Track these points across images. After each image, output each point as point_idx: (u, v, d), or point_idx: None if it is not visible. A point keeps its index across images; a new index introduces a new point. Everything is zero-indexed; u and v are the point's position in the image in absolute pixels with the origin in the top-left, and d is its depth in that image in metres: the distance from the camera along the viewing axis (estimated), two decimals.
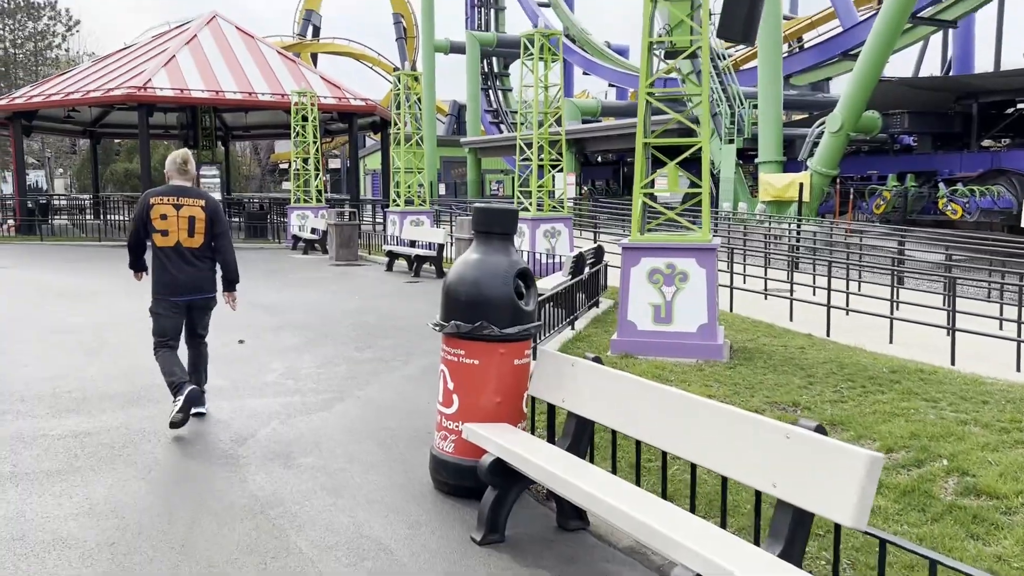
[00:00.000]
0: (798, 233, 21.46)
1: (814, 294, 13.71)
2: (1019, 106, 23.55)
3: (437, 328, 5.08)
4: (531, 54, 15.82)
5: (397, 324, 10.74)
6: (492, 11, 50.89)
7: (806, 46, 30.92)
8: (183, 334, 6.27)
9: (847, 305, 12.36)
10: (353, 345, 9.33)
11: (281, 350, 9.06)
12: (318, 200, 25.74)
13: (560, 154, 16.06)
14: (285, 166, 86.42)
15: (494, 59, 49.88)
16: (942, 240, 18.04)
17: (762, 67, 25.51)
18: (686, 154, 8.49)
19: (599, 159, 39.35)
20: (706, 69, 8.04)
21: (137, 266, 6.35)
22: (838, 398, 6.47)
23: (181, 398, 5.69)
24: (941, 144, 24.55)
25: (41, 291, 14.07)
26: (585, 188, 37.75)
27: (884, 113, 23.91)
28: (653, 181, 8.50)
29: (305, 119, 25.37)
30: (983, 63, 30.05)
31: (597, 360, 4.67)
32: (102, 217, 34.51)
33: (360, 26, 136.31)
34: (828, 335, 10.58)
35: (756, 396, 6.52)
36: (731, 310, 11.99)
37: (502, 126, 50.15)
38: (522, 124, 17.37)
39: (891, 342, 10.55)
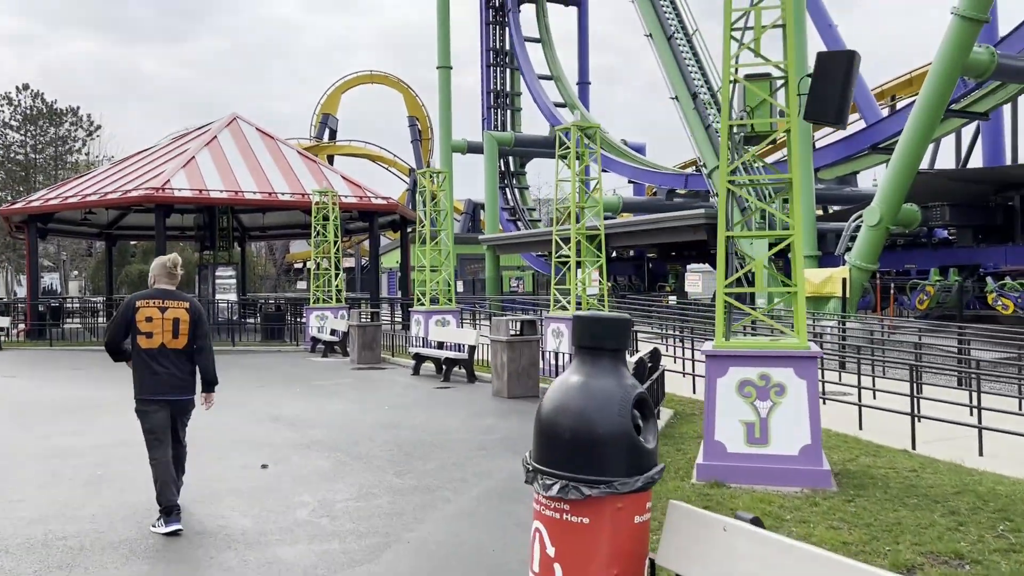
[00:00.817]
0: (843, 330, 20.34)
1: (874, 397, 12.61)
2: None
3: (531, 474, 3.96)
4: (567, 148, 15.16)
5: (436, 440, 9.57)
6: (508, 112, 51.42)
7: (828, 140, 30.61)
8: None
9: (916, 411, 11.14)
10: (392, 469, 8.15)
11: (310, 477, 7.89)
12: (338, 300, 24.90)
13: (600, 249, 15.18)
14: (300, 266, 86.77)
15: (510, 158, 50.07)
16: (1004, 338, 16.89)
17: (793, 161, 24.91)
18: (780, 246, 7.51)
19: (620, 255, 38.72)
20: (795, 150, 7.15)
21: (123, 357, 6.28)
22: (1007, 546, 5.23)
23: (164, 528, 5.94)
24: (983, 237, 23.71)
25: (42, 405, 13.00)
26: (609, 283, 36.97)
27: (923, 206, 23.17)
28: (740, 280, 7.47)
29: (326, 218, 24.82)
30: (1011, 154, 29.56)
31: (756, 522, 3.52)
32: None
33: (375, 130, 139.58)
34: (914, 448, 9.37)
35: (902, 543, 5.30)
36: None
37: (519, 223, 49.88)
38: (558, 220, 16.59)
39: (981, 454, 9.33)
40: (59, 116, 49.16)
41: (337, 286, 24.77)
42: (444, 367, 15.55)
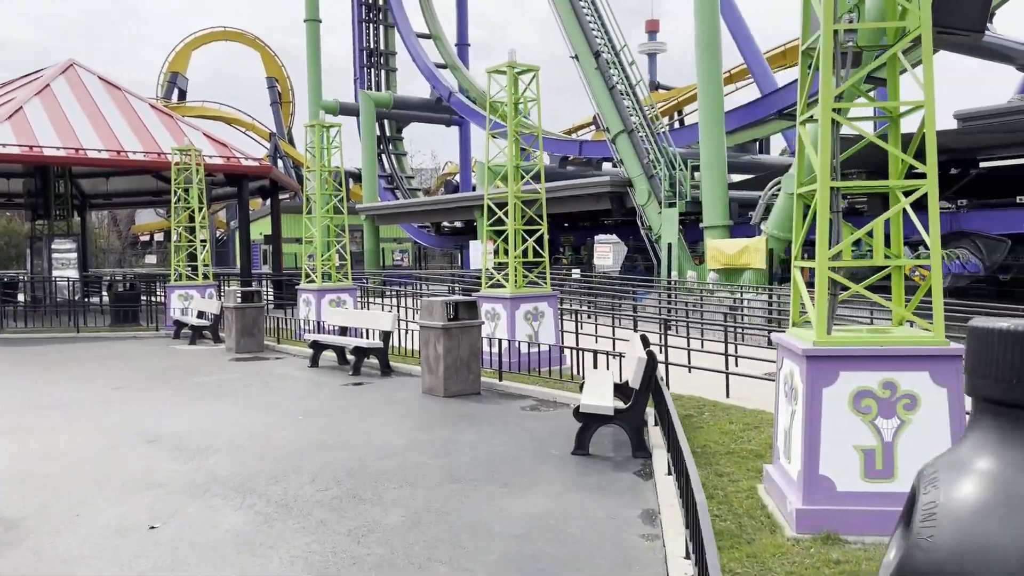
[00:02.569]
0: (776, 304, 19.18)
1: None
2: (982, 165, 22.61)
3: None
4: (500, 95, 12.81)
5: (387, 468, 7.13)
6: (383, 72, 48.02)
7: (730, 105, 29.60)
8: None
9: None
10: (342, 525, 5.68)
11: (223, 546, 5.30)
12: (205, 277, 21.50)
13: (540, 216, 12.99)
14: (147, 238, 79.58)
15: (386, 122, 46.81)
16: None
17: (704, 123, 23.63)
18: (911, 198, 5.55)
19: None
20: (929, 60, 5.21)
21: None
22: None
23: None
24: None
25: None
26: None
27: (843, 173, 22.34)
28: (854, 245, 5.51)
29: (189, 181, 21.29)
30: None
31: None
32: None
33: (231, 92, 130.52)
34: None
35: None
36: None
37: (397, 192, 46.87)
38: (493, 183, 14.25)
39: None
40: None
41: (204, 260, 21.37)
42: (353, 358, 12.94)
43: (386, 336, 13.07)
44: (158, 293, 26.61)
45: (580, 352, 11.17)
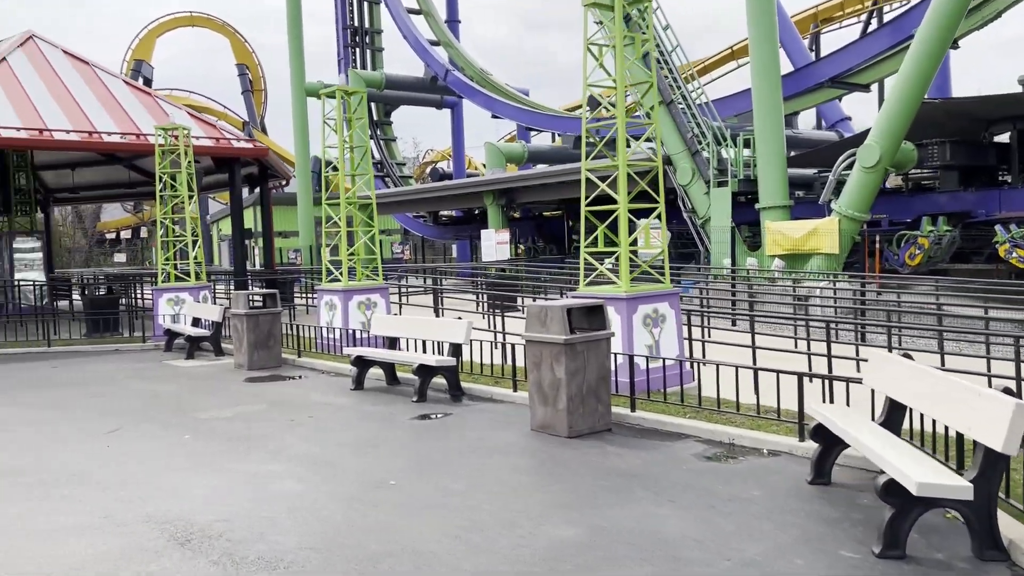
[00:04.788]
0: (865, 293, 16.57)
1: None
2: None
3: None
4: (598, 31, 9.88)
5: None
6: (369, 52, 44.67)
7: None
8: None
9: None
10: None
11: None
12: (198, 277, 18.39)
13: (655, 188, 10.12)
14: (113, 235, 75.36)
15: (373, 106, 43.51)
16: None
17: (758, 91, 20.88)
18: None
19: (516, 215, 33.72)
20: None
21: None
22: None
23: None
24: (970, 179, 20.85)
25: None
26: (521, 247, 31.91)
27: (917, 144, 19.88)
28: None
29: (176, 165, 18.14)
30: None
31: None
32: None
33: (199, 80, 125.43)
34: None
35: None
36: None
37: (387, 180, 43.71)
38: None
39: None
40: None
41: (196, 257, 18.25)
42: (417, 379, 10.00)
43: (457, 350, 10.17)
44: (137, 296, 23.45)
45: (700, 366, 8.38)
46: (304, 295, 25.36)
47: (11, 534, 5.59)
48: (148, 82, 67.88)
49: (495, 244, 27.61)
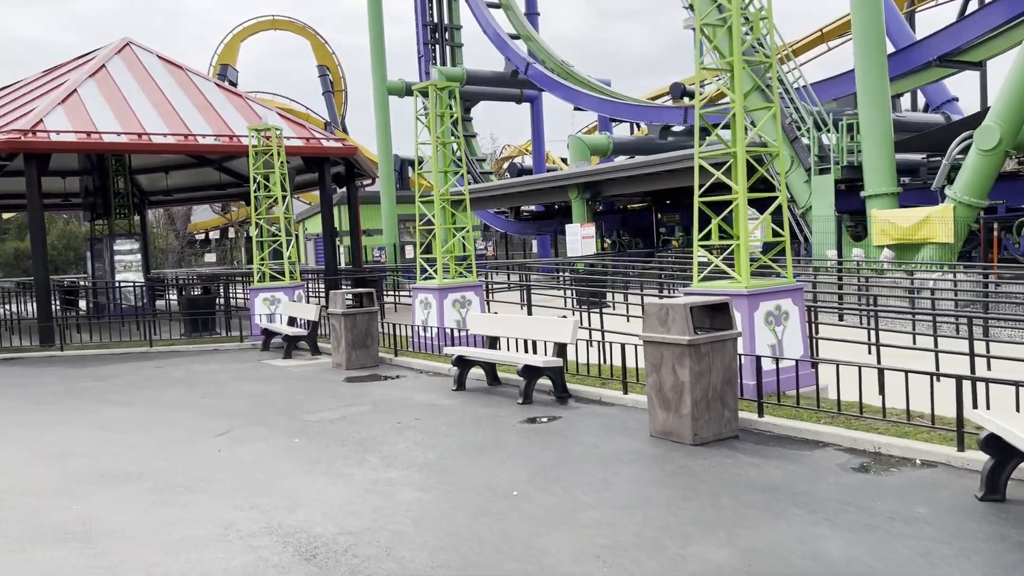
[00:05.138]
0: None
1: None
2: None
3: None
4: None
5: None
6: (448, 48, 44.67)
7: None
8: None
9: None
10: None
11: None
12: (292, 277, 18.52)
13: (775, 174, 9.52)
14: (202, 236, 77.65)
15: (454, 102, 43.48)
16: None
17: (863, 71, 19.82)
18: None
19: (600, 208, 33.10)
20: None
21: None
22: None
23: None
24: None
25: None
26: (608, 241, 31.36)
27: None
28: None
29: (269, 165, 18.30)
30: None
31: None
32: None
33: (276, 82, 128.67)
34: None
35: None
36: None
37: (468, 176, 43.63)
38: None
39: None
40: None
41: (291, 257, 18.37)
42: (525, 380, 9.66)
43: (562, 350, 9.78)
44: (232, 295, 23.87)
45: (821, 368, 7.74)
46: (392, 293, 25.42)
47: (142, 546, 5.46)
48: (233, 85, 69.79)
49: (580, 238, 27.11)
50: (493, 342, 11.10)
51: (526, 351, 10.83)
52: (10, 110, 19.85)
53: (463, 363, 10.80)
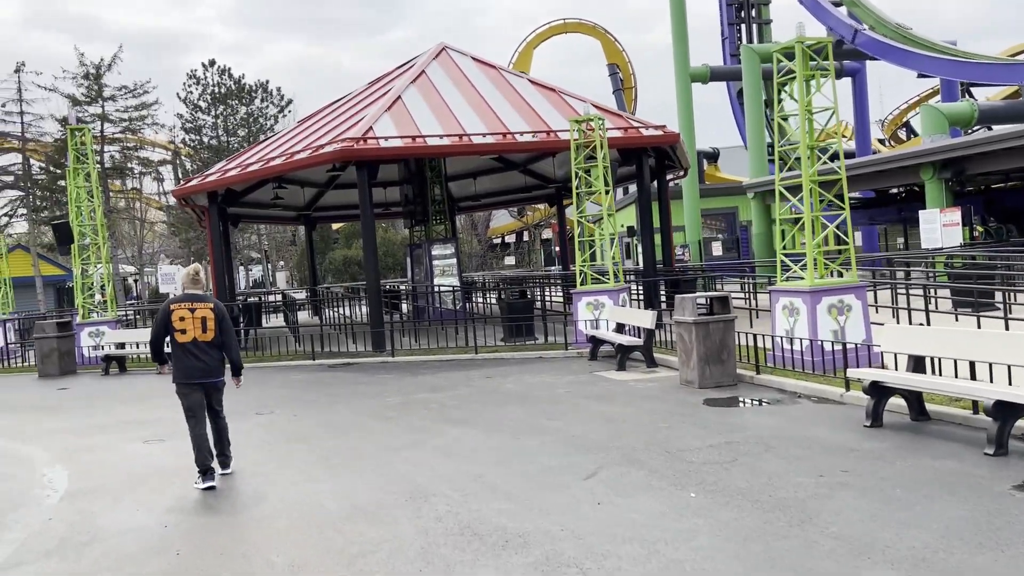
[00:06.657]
0: None
1: None
2: None
3: None
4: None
5: None
6: (755, 26, 41.18)
7: None
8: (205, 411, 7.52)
9: None
10: None
11: None
12: (616, 279, 16.92)
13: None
14: (498, 240, 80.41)
15: (764, 84, 39.90)
16: None
17: None
18: None
19: (963, 189, 27.82)
20: None
21: (161, 359, 7.86)
22: None
23: (202, 484, 7.35)
24: None
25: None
26: (979, 229, 26.40)
27: None
28: None
29: (592, 158, 16.87)
30: None
31: None
32: (320, 317, 28.01)
33: (571, 83, 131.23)
34: None
35: None
36: None
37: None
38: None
39: None
40: (248, 93, 44.92)
41: (613, 257, 16.78)
42: (996, 422, 6.89)
43: None
44: (549, 299, 23.03)
45: None
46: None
47: None
48: None
49: (940, 227, 22.66)
50: (919, 364, 8.37)
51: (973, 376, 7.99)
52: (341, 121, 20.47)
53: (879, 390, 8.23)
